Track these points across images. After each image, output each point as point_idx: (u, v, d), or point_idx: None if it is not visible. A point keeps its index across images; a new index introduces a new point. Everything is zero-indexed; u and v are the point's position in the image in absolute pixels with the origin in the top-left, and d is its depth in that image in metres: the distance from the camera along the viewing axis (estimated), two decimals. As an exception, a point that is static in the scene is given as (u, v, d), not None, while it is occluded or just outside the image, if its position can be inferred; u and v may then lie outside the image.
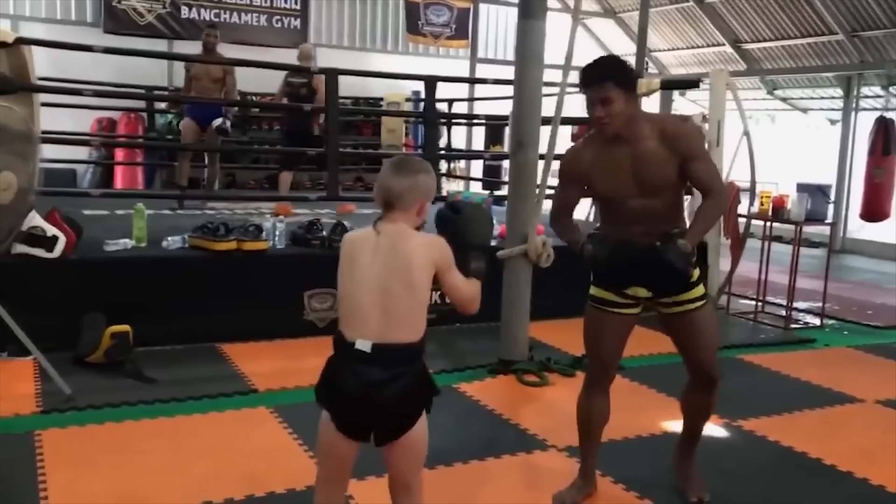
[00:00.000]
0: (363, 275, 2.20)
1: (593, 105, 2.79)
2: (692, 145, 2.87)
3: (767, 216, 6.58)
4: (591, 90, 2.79)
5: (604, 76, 2.77)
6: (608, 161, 2.85)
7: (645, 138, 2.82)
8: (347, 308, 2.24)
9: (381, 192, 2.26)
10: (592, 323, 3.07)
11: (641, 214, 2.85)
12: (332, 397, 2.25)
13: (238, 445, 3.60)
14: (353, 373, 2.17)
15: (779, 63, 12.53)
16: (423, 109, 6.67)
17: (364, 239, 2.26)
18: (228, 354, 4.93)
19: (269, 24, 11.59)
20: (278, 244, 5.51)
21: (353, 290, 2.23)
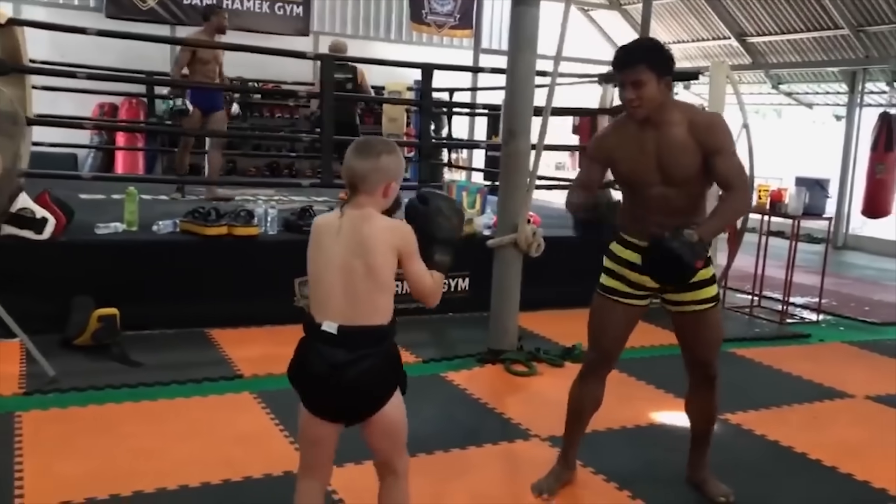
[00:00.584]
0: (327, 258, 2.21)
1: (625, 87, 2.76)
2: (721, 139, 2.79)
3: (765, 210, 6.52)
4: (623, 72, 2.75)
5: (637, 59, 2.73)
6: (634, 144, 2.83)
7: (674, 125, 2.78)
8: (314, 290, 2.25)
9: (345, 175, 2.25)
10: (599, 311, 3.04)
11: (661, 203, 2.82)
12: (300, 378, 2.26)
13: (219, 430, 3.59)
14: (318, 354, 2.19)
15: (784, 57, 12.45)
16: (419, 98, 6.63)
17: (328, 222, 2.25)
18: (217, 340, 4.92)
19: (272, 10, 11.54)
20: (270, 230, 5.49)
21: (318, 272, 2.23)
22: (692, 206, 2.86)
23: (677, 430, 3.90)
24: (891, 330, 6.37)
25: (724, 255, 6.88)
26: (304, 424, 2.31)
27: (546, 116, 4.51)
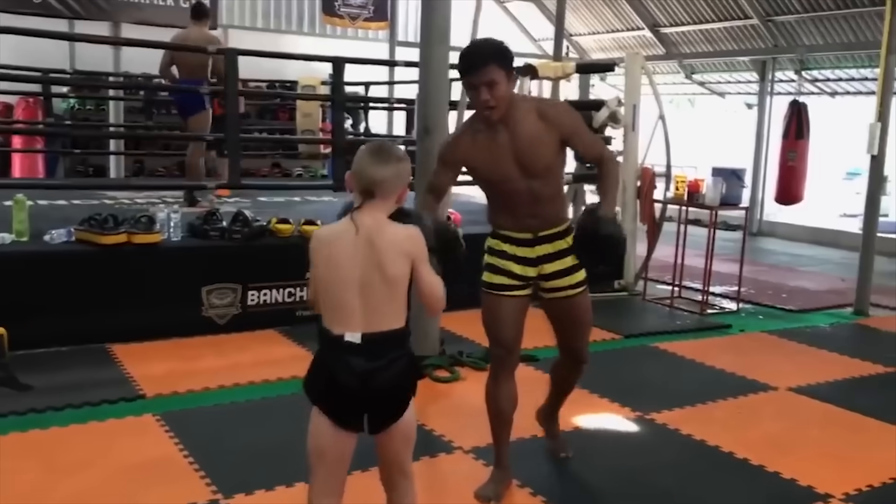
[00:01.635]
0: (345, 273, 2.18)
1: (477, 90, 2.76)
2: (572, 120, 2.93)
3: (683, 201, 6.52)
4: (475, 75, 2.75)
5: (487, 59, 2.74)
6: (488, 144, 2.86)
7: (523, 119, 2.83)
8: (331, 305, 2.20)
9: (362, 181, 2.20)
10: (492, 309, 3.04)
11: (527, 196, 2.89)
12: (329, 392, 2.21)
13: (117, 460, 3.30)
14: (346, 364, 2.17)
15: (696, 47, 12.61)
16: (331, 92, 6.38)
17: (340, 237, 2.20)
18: (118, 356, 4.60)
19: (176, 3, 11.05)
20: (174, 236, 5.18)
21: (334, 288, 2.19)
22: (557, 193, 3.01)
23: (603, 435, 3.82)
24: (807, 317, 6.46)
25: (643, 247, 6.88)
26: (327, 442, 2.25)
27: (461, 112, 4.34)
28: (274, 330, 5.24)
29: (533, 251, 2.96)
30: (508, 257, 2.97)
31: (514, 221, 2.95)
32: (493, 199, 3.02)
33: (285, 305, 5.39)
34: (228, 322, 5.16)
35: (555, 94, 9.25)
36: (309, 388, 2.25)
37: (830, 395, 4.43)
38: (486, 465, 3.33)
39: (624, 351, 5.26)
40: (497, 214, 3.02)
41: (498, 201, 2.99)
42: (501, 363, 3.07)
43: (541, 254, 2.96)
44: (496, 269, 3.00)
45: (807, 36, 10.95)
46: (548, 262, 2.97)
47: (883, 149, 6.46)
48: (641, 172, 6.86)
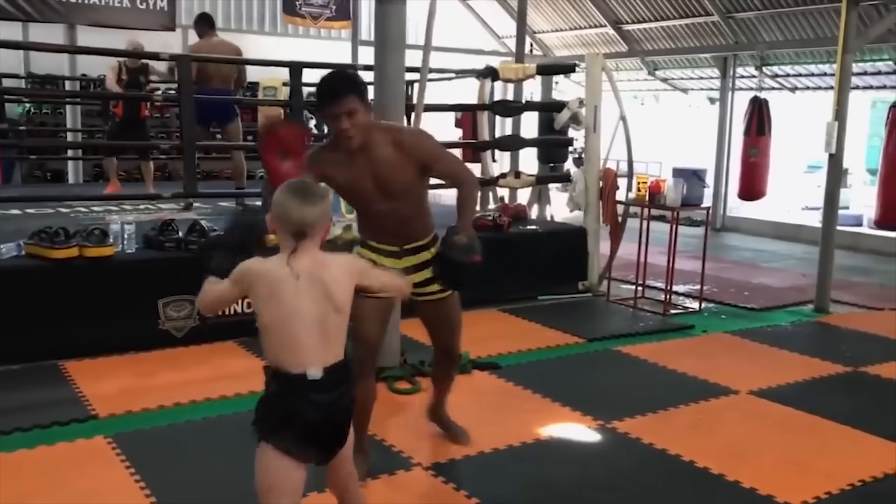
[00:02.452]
0: (291, 309, 2.18)
1: (337, 118, 2.90)
2: (429, 150, 3.14)
3: (644, 202, 6.52)
4: (336, 105, 2.89)
5: (347, 90, 2.90)
6: (347, 166, 3.01)
7: (381, 146, 3.00)
8: (280, 339, 2.20)
9: (292, 225, 2.20)
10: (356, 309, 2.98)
11: (389, 215, 3.10)
12: (292, 431, 2.19)
13: (64, 489, 3.19)
14: (309, 401, 2.18)
15: (658, 44, 12.66)
16: (289, 96, 6.29)
17: (278, 273, 2.20)
18: (70, 373, 4.48)
19: (133, 4, 10.84)
20: (128, 248, 5.06)
21: (282, 322, 2.19)
22: (418, 211, 3.21)
23: (565, 446, 3.79)
24: (768, 316, 6.50)
25: (606, 247, 6.89)
26: (283, 477, 2.22)
27: (418, 116, 4.29)
28: (233, 341, 5.15)
29: (399, 262, 3.15)
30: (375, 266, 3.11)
31: (380, 235, 3.19)
32: (359, 213, 3.24)
33: (244, 316, 5.26)
34: (186, 335, 5.06)
35: (517, 96, 9.24)
36: (262, 428, 2.22)
37: (791, 398, 4.44)
38: (446, 483, 3.29)
39: (587, 356, 5.24)
40: (365, 227, 3.24)
41: (364, 216, 3.21)
42: (364, 362, 3.18)
43: (407, 265, 3.15)
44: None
45: (767, 32, 11.03)
46: (415, 272, 3.14)
47: (841, 147, 6.52)
48: (604, 173, 6.86)
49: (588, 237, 6.85)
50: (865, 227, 10.80)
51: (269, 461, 2.21)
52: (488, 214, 6.79)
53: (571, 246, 6.90)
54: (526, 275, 6.54)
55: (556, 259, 6.76)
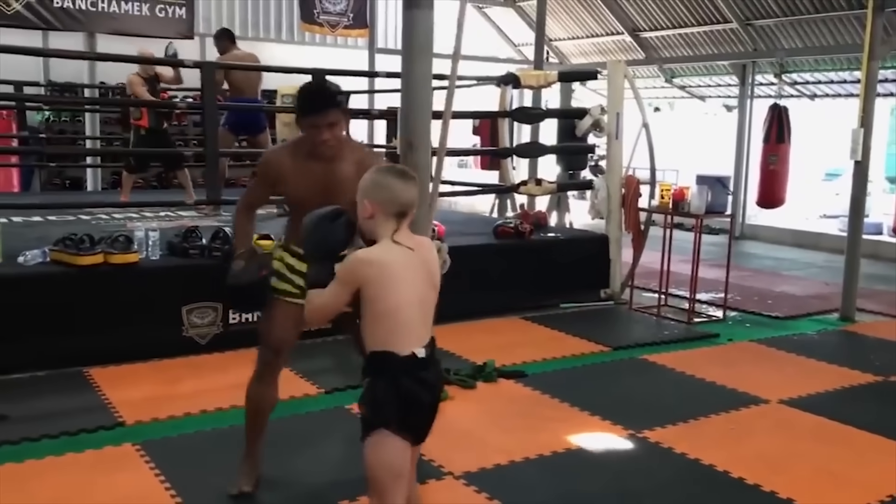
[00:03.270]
0: (411, 294, 2.26)
1: (320, 129, 2.96)
2: None
3: (668, 210, 6.48)
4: (321, 115, 2.95)
5: (332, 103, 2.98)
6: (305, 173, 3.04)
7: (345, 161, 3.05)
8: (396, 324, 2.24)
9: (395, 205, 2.28)
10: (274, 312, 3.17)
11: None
12: (413, 414, 2.25)
13: (93, 495, 3.18)
14: (423, 383, 2.25)
15: (676, 51, 12.61)
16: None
17: (398, 261, 2.27)
18: (96, 380, 4.47)
19: (153, 13, 10.87)
20: (152, 255, 5.06)
21: (400, 306, 2.24)
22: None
23: (597, 455, 3.74)
24: (793, 324, 6.44)
25: (629, 255, 6.84)
26: (405, 461, 2.28)
27: (446, 124, 4.26)
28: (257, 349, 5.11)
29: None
30: (294, 271, 3.11)
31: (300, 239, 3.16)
32: (296, 218, 3.10)
33: (268, 323, 5.27)
34: (210, 342, 5.05)
35: (536, 102, 9.22)
36: (378, 415, 2.24)
37: (822, 407, 4.38)
38: (479, 492, 3.25)
39: (612, 364, 5.19)
40: (295, 231, 3.07)
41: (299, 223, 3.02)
42: (269, 366, 3.18)
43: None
44: (283, 276, 3.15)
45: (786, 39, 10.98)
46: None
47: (867, 154, 6.45)
48: (626, 180, 6.81)
49: (610, 245, 6.81)
50: (885, 235, 10.72)
51: (389, 448, 2.23)
52: (510, 222, 6.76)
53: (593, 253, 6.86)
54: (548, 282, 6.51)
55: (577, 267, 6.72)
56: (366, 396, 2.27)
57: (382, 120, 10.70)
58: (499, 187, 7.98)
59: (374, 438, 2.23)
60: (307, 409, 4.20)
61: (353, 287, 2.26)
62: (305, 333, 5.44)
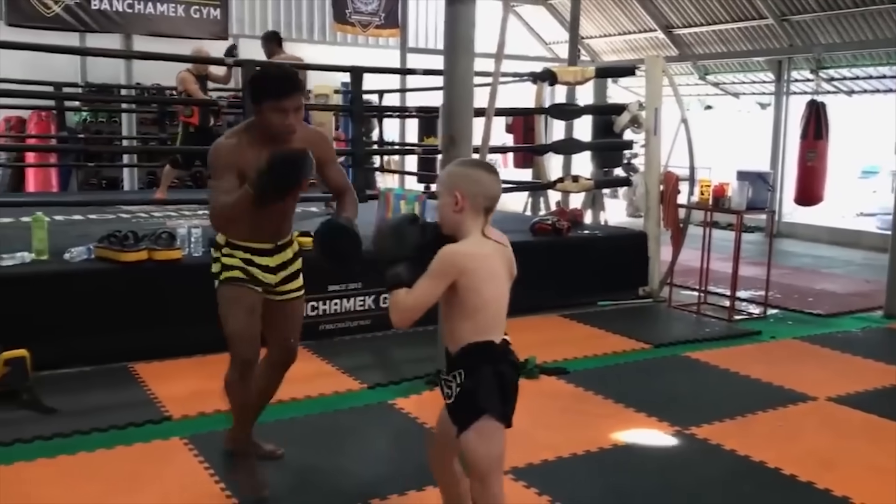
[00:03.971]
0: (502, 285, 2.35)
1: (286, 113, 2.89)
2: (329, 151, 3.22)
3: (708, 206, 6.41)
4: (288, 99, 2.90)
5: (297, 87, 2.95)
6: (255, 158, 2.89)
7: (295, 143, 2.96)
8: (492, 315, 2.33)
9: (488, 200, 2.33)
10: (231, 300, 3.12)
11: (276, 213, 3.03)
12: (507, 396, 2.33)
13: (146, 486, 3.21)
14: (513, 365, 2.37)
15: (710, 48, 12.49)
16: (350, 102, 6.30)
17: (492, 255, 2.34)
18: (141, 375, 4.51)
19: (187, 14, 10.98)
20: (195, 251, 5.10)
21: (492, 299, 2.32)
22: (294, 206, 3.24)
23: (645, 452, 3.71)
24: (836, 321, 6.34)
25: (667, 252, 6.78)
26: (503, 445, 2.36)
27: (489, 121, 4.26)
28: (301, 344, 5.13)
29: (273, 259, 3.12)
30: (250, 264, 3.07)
31: (257, 233, 3.06)
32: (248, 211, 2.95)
33: (308, 319, 5.24)
34: (252, 338, 5.07)
35: (570, 99, 9.18)
36: (485, 401, 2.29)
37: (871, 404, 4.31)
38: (528, 487, 3.23)
39: (654, 361, 5.14)
40: (238, 225, 3.01)
41: (247, 213, 2.92)
42: (246, 364, 3.09)
43: (279, 262, 3.14)
44: (234, 267, 3.08)
45: (823, 35, 10.82)
46: (283, 270, 3.16)
47: (912, 149, 6.34)
48: (665, 176, 6.75)
49: (649, 242, 6.75)
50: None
51: (494, 434, 2.30)
52: (547, 219, 6.73)
53: (631, 251, 6.80)
54: (585, 280, 6.46)
55: (615, 264, 6.67)
56: (468, 386, 2.29)
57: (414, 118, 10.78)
58: (535, 184, 7.94)
59: (480, 425, 2.28)
60: (350, 405, 4.21)
61: (450, 280, 2.26)
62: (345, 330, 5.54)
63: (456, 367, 2.32)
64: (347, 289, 5.43)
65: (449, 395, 2.35)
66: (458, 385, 2.31)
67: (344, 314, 5.44)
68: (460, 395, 2.31)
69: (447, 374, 2.35)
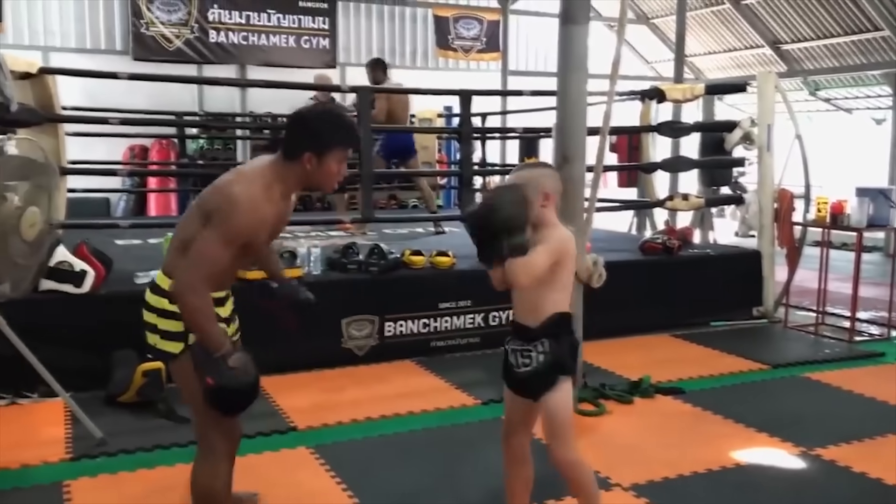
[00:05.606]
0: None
1: (343, 163, 2.62)
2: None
3: (825, 223, 6.22)
4: (351, 149, 2.72)
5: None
6: (278, 215, 2.62)
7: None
8: (569, 291, 2.69)
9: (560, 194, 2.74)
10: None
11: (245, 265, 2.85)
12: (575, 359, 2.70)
13: (278, 492, 3.35)
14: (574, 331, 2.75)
15: (821, 63, 12.13)
16: (459, 125, 6.43)
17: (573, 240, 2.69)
18: (265, 387, 4.68)
19: (298, 44, 11.46)
20: (314, 270, 5.29)
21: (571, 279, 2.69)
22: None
23: (769, 472, 3.63)
24: (968, 344, 6.02)
25: (781, 272, 6.60)
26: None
27: (603, 139, 4.28)
28: (410, 361, 5.26)
29: (225, 310, 2.73)
30: (221, 319, 2.66)
31: (225, 283, 2.70)
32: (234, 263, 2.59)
33: (421, 336, 5.41)
34: (367, 353, 5.22)
35: (676, 117, 9.07)
36: (565, 364, 2.61)
37: None
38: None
39: (773, 382, 5.01)
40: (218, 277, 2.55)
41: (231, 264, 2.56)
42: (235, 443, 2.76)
43: (229, 311, 2.79)
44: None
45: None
46: (233, 321, 2.84)
47: None
48: (779, 194, 6.59)
49: (763, 261, 6.59)
50: None
51: (569, 392, 2.62)
52: (657, 238, 6.66)
53: (744, 270, 6.65)
54: (697, 300, 6.36)
55: (728, 284, 6.53)
56: (555, 351, 2.58)
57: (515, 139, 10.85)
58: (644, 203, 7.88)
59: (562, 385, 2.59)
60: (466, 419, 4.27)
61: (558, 257, 2.57)
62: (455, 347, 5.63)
63: (539, 337, 2.59)
64: (458, 306, 5.51)
65: (527, 364, 2.61)
66: (542, 353, 2.58)
67: (454, 331, 5.53)
68: (546, 361, 2.58)
69: (526, 345, 2.60)
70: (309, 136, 2.54)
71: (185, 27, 10.93)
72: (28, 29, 10.64)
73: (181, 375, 2.65)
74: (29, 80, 5.04)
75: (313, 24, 11.64)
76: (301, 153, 2.51)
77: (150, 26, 10.73)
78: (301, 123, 2.62)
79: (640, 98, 7.12)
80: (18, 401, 4.38)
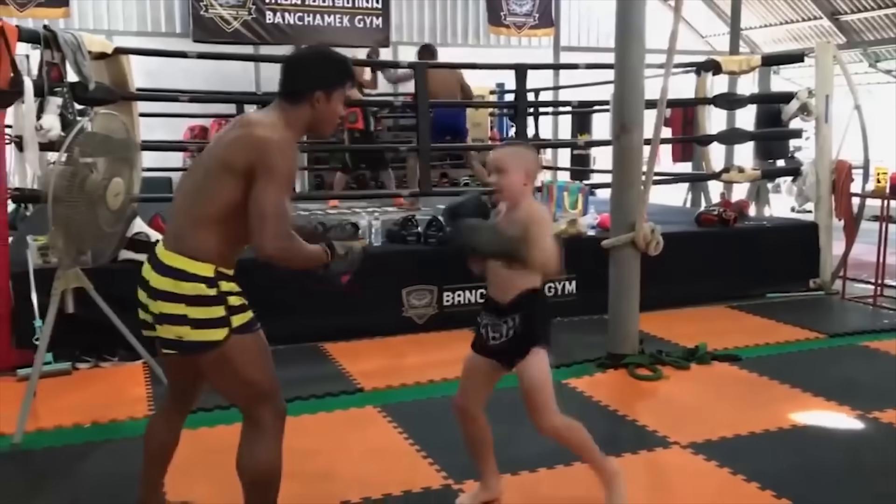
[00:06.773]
0: None
1: (342, 104, 2.51)
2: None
3: (884, 194, 6.17)
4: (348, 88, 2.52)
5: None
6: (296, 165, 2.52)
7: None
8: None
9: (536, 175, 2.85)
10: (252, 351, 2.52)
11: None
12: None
13: (349, 446, 3.54)
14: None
15: (882, 33, 11.88)
16: (514, 99, 6.51)
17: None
18: (331, 353, 4.90)
19: (352, 24, 11.61)
20: (375, 242, 5.46)
21: None
22: None
23: (827, 433, 3.69)
24: None
25: (839, 244, 6.57)
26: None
27: (661, 109, 4.34)
28: (468, 329, 5.33)
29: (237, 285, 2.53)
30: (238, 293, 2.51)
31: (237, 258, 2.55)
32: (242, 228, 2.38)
33: (478, 306, 5.49)
34: (426, 322, 5.38)
35: (732, 88, 9.01)
36: (536, 335, 2.72)
37: None
38: (708, 460, 3.31)
39: (830, 350, 5.04)
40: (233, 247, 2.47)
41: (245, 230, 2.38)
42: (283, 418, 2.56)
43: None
44: (245, 307, 2.52)
45: None
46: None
47: None
48: (837, 166, 6.55)
49: (820, 233, 6.57)
50: None
51: (545, 357, 2.73)
52: (713, 209, 6.68)
53: (801, 242, 6.64)
54: (753, 271, 6.37)
55: (784, 255, 6.53)
56: (536, 322, 2.72)
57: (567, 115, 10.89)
58: (700, 175, 7.88)
59: (541, 353, 2.72)
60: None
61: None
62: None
63: (509, 313, 2.71)
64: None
65: (496, 338, 2.75)
66: (511, 328, 2.71)
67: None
68: (520, 333, 2.70)
69: (496, 320, 2.74)
70: (315, 76, 2.44)
71: (242, 9, 11.15)
72: (92, 13, 10.97)
73: (221, 364, 2.43)
74: (104, 61, 5.27)
75: (367, 4, 11.77)
76: (310, 93, 2.41)
77: (210, 8, 10.98)
78: (303, 64, 2.52)
79: (696, 71, 7.12)
80: (101, 364, 4.65)
